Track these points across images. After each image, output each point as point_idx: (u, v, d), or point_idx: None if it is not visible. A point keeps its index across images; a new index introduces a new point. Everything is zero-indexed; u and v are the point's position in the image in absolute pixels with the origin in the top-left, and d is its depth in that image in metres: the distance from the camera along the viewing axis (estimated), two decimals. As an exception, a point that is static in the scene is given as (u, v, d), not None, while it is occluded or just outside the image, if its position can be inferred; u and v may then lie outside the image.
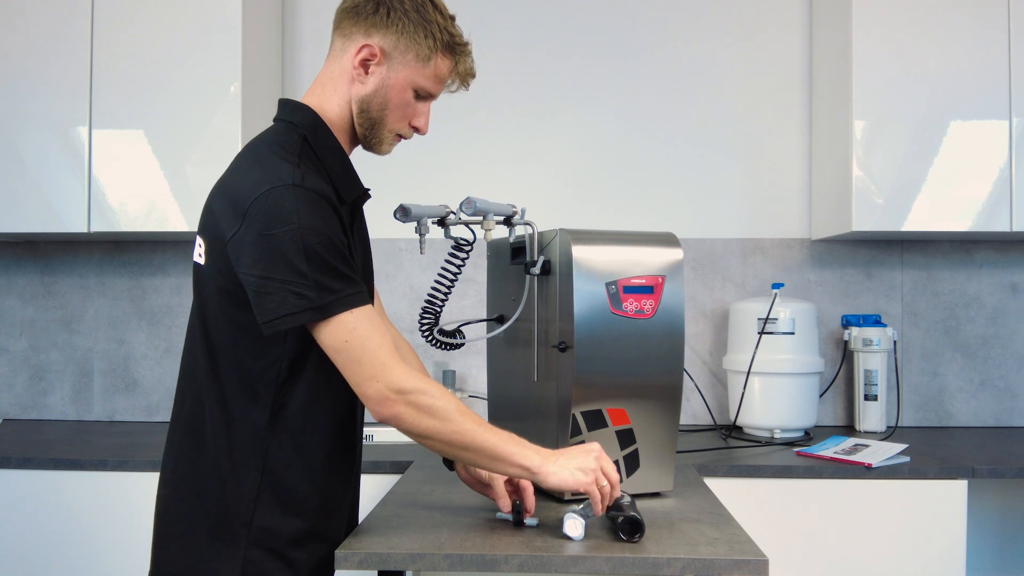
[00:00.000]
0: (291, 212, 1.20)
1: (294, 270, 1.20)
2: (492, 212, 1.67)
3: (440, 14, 1.37)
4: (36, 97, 2.46)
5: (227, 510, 1.29)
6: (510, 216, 1.74)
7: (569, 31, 2.76)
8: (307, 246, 1.20)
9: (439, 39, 1.36)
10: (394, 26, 1.33)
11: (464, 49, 1.41)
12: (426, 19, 1.35)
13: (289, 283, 1.20)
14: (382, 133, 1.40)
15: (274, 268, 1.20)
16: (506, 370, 1.86)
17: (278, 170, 1.25)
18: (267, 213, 1.21)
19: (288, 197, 1.21)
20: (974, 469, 2.08)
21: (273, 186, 1.22)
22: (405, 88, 1.37)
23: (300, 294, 1.20)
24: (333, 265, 1.22)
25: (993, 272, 2.71)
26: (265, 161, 1.28)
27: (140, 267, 2.79)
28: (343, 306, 1.23)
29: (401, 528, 1.46)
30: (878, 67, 2.38)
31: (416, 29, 1.34)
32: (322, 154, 1.34)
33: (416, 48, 1.35)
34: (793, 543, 2.08)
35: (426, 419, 1.27)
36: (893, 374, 2.62)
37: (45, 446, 2.34)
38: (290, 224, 1.20)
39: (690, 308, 2.70)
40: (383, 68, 1.35)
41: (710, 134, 2.75)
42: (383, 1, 1.34)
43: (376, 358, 1.24)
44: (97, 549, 2.15)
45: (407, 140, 1.48)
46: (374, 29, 1.34)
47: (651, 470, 1.69)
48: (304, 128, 1.34)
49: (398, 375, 1.25)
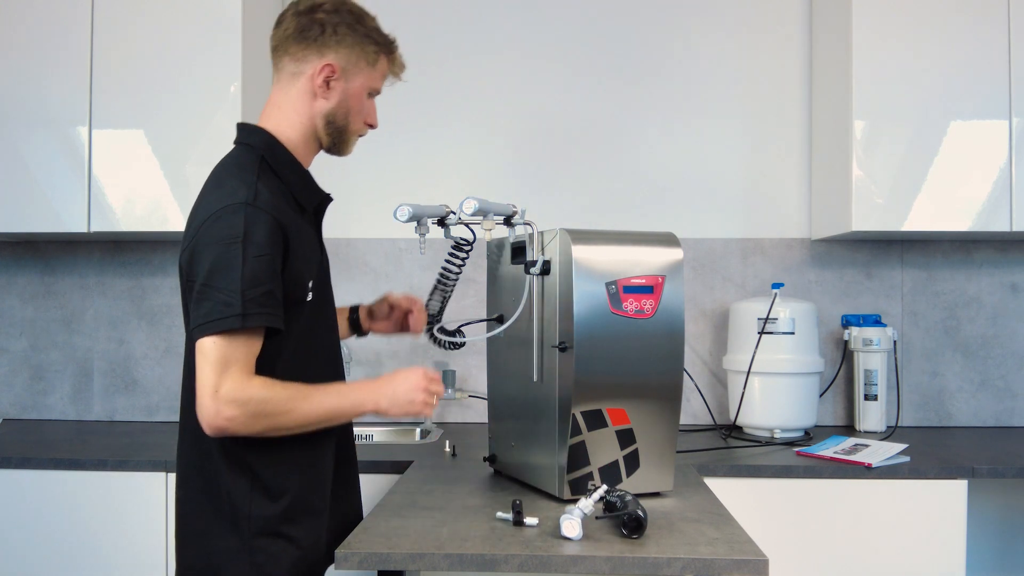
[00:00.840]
0: (239, 228, 1.34)
1: (233, 278, 1.32)
2: (492, 212, 1.68)
3: (371, 20, 1.54)
4: (36, 97, 2.46)
5: (232, 505, 1.41)
6: (510, 216, 1.74)
7: (569, 31, 2.76)
8: (250, 259, 1.33)
9: (379, 42, 1.53)
10: (344, 42, 1.48)
11: (394, 46, 1.58)
12: (365, 28, 1.51)
13: (223, 290, 1.33)
14: (348, 137, 1.55)
15: (218, 274, 1.33)
16: (506, 370, 1.86)
17: (235, 190, 1.38)
18: (219, 228, 1.34)
19: (239, 214, 1.34)
20: (974, 469, 2.08)
21: (228, 203, 1.36)
22: (362, 93, 1.53)
23: (228, 302, 1.32)
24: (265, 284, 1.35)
25: (993, 272, 2.71)
26: (224, 183, 1.41)
27: (140, 267, 2.79)
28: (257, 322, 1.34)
29: (401, 528, 1.46)
30: (878, 67, 2.38)
31: (361, 40, 1.50)
32: (281, 171, 1.47)
33: (365, 56, 1.51)
34: (793, 543, 2.08)
35: (257, 427, 1.36)
36: (893, 374, 2.62)
37: (45, 446, 2.34)
38: (237, 239, 1.33)
39: (690, 308, 2.70)
40: (342, 82, 1.50)
41: (710, 134, 2.75)
42: (327, 22, 1.48)
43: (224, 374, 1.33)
44: (97, 549, 2.14)
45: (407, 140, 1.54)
46: (326, 49, 1.48)
47: (651, 470, 1.69)
48: (262, 149, 1.47)
49: (230, 393, 1.33)
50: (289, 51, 1.49)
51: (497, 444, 1.91)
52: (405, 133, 2.76)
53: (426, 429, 2.63)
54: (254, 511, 1.41)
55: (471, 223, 1.73)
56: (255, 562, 1.40)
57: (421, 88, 2.77)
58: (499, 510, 1.54)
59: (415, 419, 1.59)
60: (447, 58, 2.77)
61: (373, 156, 2.76)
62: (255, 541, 1.41)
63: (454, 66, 2.77)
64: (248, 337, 1.36)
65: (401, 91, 2.76)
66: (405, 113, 2.75)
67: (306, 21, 1.47)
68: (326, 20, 1.47)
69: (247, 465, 1.42)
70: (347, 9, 1.50)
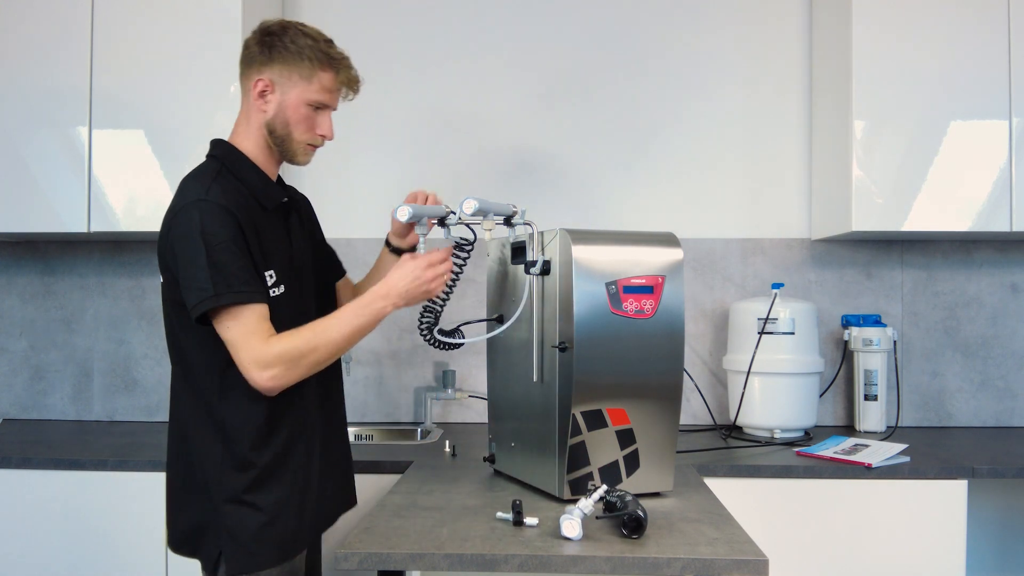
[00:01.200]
0: (195, 221, 1.50)
1: (200, 267, 1.49)
2: (492, 212, 1.68)
3: (312, 39, 1.64)
4: (36, 97, 2.46)
5: (206, 479, 1.58)
6: (510, 216, 1.74)
7: (569, 31, 2.76)
8: (213, 246, 1.49)
9: (314, 57, 1.62)
10: (277, 58, 1.62)
11: (341, 62, 1.67)
12: (299, 46, 1.62)
13: (196, 279, 1.49)
14: (293, 146, 1.66)
15: (188, 268, 1.50)
16: (506, 370, 1.86)
17: (188, 192, 1.56)
18: (179, 226, 1.52)
19: (193, 210, 1.52)
20: (974, 469, 2.08)
21: (184, 204, 1.53)
22: (299, 105, 1.63)
23: (202, 288, 1.49)
24: (231, 261, 1.50)
25: (993, 272, 2.71)
26: (183, 189, 1.59)
27: (140, 267, 2.79)
28: (230, 300, 1.49)
29: (401, 528, 1.46)
30: (878, 67, 2.38)
31: (294, 55, 1.62)
32: (241, 175, 1.62)
33: (298, 70, 1.62)
34: (793, 543, 2.08)
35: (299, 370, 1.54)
36: (893, 374, 2.62)
37: (45, 446, 2.34)
38: (197, 230, 1.50)
39: (690, 308, 2.70)
40: (277, 94, 1.62)
41: (710, 134, 2.75)
42: (265, 42, 1.63)
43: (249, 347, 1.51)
44: (97, 549, 2.14)
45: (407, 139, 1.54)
46: (263, 66, 1.62)
47: (651, 470, 1.69)
48: (222, 158, 1.64)
49: (262, 357, 1.51)
50: (243, 72, 1.66)
51: (497, 444, 1.91)
52: (405, 133, 2.76)
53: (426, 429, 2.63)
54: (224, 480, 1.56)
55: (471, 223, 1.74)
56: (225, 525, 1.56)
57: (421, 88, 2.77)
58: (499, 510, 1.54)
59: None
60: (447, 58, 2.77)
61: (373, 156, 2.76)
62: (225, 507, 1.56)
63: (454, 66, 2.77)
64: (246, 308, 1.51)
65: (401, 91, 2.77)
66: (405, 113, 2.75)
67: (252, 43, 1.65)
68: (266, 41, 1.63)
69: (218, 443, 1.57)
70: (289, 31, 1.63)
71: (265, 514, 1.56)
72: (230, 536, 1.55)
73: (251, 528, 1.55)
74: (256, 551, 1.55)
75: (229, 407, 1.57)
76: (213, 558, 1.57)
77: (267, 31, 1.64)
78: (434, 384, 2.75)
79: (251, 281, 1.52)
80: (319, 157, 1.77)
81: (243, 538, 1.55)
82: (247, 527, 1.56)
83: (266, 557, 1.56)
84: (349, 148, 2.72)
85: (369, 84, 2.19)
